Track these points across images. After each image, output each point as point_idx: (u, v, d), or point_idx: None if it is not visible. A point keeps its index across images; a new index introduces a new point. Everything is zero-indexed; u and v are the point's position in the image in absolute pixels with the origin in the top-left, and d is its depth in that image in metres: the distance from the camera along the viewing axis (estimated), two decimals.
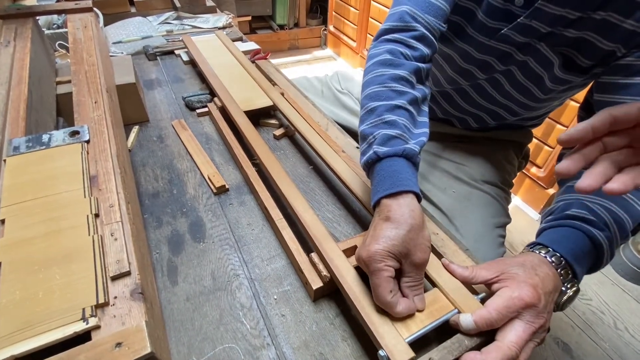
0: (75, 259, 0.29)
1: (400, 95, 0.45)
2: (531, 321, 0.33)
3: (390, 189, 0.39)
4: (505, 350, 0.31)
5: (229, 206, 0.52)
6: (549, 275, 0.36)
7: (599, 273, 1.33)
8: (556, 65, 0.53)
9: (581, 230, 0.40)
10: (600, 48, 0.48)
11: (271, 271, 0.44)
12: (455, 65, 0.65)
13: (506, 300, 0.33)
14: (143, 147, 0.62)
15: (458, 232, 0.62)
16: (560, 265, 0.38)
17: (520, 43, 0.55)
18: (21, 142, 0.39)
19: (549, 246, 0.40)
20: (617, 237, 0.41)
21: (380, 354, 0.32)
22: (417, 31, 0.50)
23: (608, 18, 0.46)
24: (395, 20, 0.51)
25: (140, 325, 0.26)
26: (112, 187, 0.36)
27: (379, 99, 0.45)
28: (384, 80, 0.46)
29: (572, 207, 0.43)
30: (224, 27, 1.10)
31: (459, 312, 0.35)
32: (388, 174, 0.40)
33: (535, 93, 0.59)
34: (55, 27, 0.95)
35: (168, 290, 0.41)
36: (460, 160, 0.72)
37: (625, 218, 0.42)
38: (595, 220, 0.41)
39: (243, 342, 0.37)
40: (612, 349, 1.10)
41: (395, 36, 0.51)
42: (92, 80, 0.51)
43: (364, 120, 0.45)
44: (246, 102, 0.68)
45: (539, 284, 0.35)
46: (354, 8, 2.40)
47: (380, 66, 0.48)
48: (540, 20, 0.50)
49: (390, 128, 0.42)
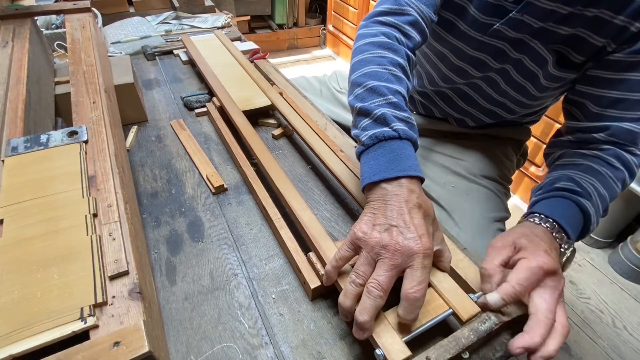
0: (74, 258, 0.29)
1: (399, 82, 0.45)
2: (554, 285, 0.35)
3: (412, 171, 0.38)
4: (544, 320, 0.32)
5: (228, 206, 0.52)
6: (549, 239, 0.39)
7: (598, 272, 1.33)
8: (550, 62, 0.53)
9: (570, 199, 0.44)
10: (592, 44, 0.49)
11: (269, 270, 0.44)
12: (449, 63, 0.65)
13: (526, 271, 0.34)
14: (142, 147, 0.62)
15: (457, 226, 0.62)
16: (555, 229, 0.41)
17: (513, 39, 0.55)
18: (19, 143, 0.39)
19: (542, 213, 0.42)
20: (600, 209, 0.46)
21: (377, 353, 0.32)
22: (410, 16, 0.50)
23: (600, 15, 0.46)
24: (391, 3, 0.51)
25: (138, 325, 0.26)
26: (110, 187, 0.36)
27: (379, 79, 0.44)
28: (384, 63, 0.46)
29: (561, 180, 0.46)
30: (223, 26, 1.09)
31: (453, 312, 0.35)
32: (405, 155, 0.39)
33: (531, 91, 0.60)
34: (54, 27, 0.95)
35: (166, 290, 0.41)
36: (459, 156, 0.73)
37: (605, 194, 0.46)
38: (581, 191, 0.44)
39: (241, 341, 0.37)
40: (611, 347, 1.10)
41: (389, 19, 0.50)
42: (91, 80, 0.51)
43: (364, 98, 0.43)
44: (244, 101, 0.68)
45: (547, 249, 0.37)
46: (353, 7, 2.40)
47: (379, 48, 0.47)
48: (531, 15, 0.51)
49: (399, 111, 0.42)
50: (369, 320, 0.32)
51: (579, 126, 0.53)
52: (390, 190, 0.37)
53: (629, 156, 0.49)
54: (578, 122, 0.53)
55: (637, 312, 1.21)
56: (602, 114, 0.50)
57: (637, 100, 0.47)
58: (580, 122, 0.53)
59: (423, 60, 0.72)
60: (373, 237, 0.34)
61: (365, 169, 0.40)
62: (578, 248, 1.43)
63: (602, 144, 0.50)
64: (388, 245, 0.33)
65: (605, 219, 1.37)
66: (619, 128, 0.48)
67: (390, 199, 0.36)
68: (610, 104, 0.49)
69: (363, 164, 0.41)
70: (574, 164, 0.50)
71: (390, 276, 0.33)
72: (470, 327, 0.34)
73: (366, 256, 0.34)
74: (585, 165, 0.49)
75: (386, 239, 0.34)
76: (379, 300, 0.32)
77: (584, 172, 0.47)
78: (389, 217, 0.35)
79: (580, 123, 0.53)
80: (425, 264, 0.33)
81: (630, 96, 0.47)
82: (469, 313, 0.35)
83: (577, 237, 0.44)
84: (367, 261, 0.34)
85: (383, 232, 0.35)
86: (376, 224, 0.35)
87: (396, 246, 0.33)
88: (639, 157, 0.49)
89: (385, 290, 0.32)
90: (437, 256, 0.38)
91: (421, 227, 0.35)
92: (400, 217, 0.35)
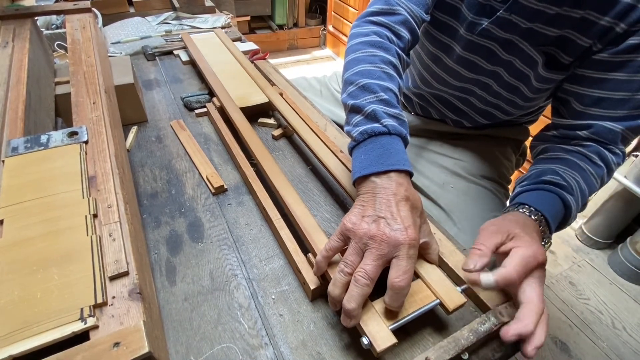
0: (74, 259, 0.29)
1: (391, 80, 0.46)
2: (540, 276, 0.36)
3: (401, 165, 0.39)
4: (536, 309, 0.34)
5: (228, 206, 0.52)
6: (538, 231, 0.41)
7: (598, 273, 1.33)
8: (540, 64, 0.54)
9: (556, 193, 0.45)
10: (580, 45, 0.49)
11: (269, 271, 0.44)
12: (442, 65, 0.66)
13: (522, 259, 0.35)
14: (142, 148, 0.62)
15: (455, 227, 0.62)
16: (542, 223, 0.43)
17: (502, 39, 0.56)
18: (20, 143, 0.39)
19: (532, 206, 0.44)
20: (579, 204, 0.47)
21: (362, 341, 0.33)
22: (401, 15, 0.52)
23: (586, 16, 0.47)
24: (382, 3, 0.53)
25: (138, 325, 0.26)
26: (110, 187, 0.36)
27: (371, 77, 0.46)
28: (376, 61, 0.47)
29: (547, 173, 0.48)
30: (223, 27, 1.10)
31: (440, 302, 0.36)
32: (395, 150, 0.40)
33: (524, 92, 0.60)
34: (54, 27, 0.95)
35: (166, 290, 0.41)
36: (458, 156, 0.73)
37: (585, 190, 0.48)
38: (566, 185, 0.46)
39: (241, 342, 0.37)
40: (610, 348, 1.10)
41: (380, 19, 0.52)
42: (91, 80, 0.51)
43: (356, 96, 0.45)
44: (242, 99, 0.68)
45: (539, 241, 0.38)
46: (353, 8, 2.40)
47: (371, 47, 0.49)
48: (519, 15, 0.51)
49: (389, 107, 0.43)
50: (356, 308, 0.33)
51: (563, 123, 0.54)
52: (380, 183, 0.38)
53: (609, 154, 0.50)
54: (563, 119, 0.54)
55: (637, 313, 1.21)
56: (585, 112, 0.51)
57: (619, 99, 0.48)
58: (564, 120, 0.54)
59: (417, 62, 0.72)
60: (361, 228, 0.35)
61: (356, 164, 0.41)
62: (578, 249, 1.44)
63: (585, 141, 0.51)
64: (375, 236, 0.34)
65: (605, 220, 1.37)
66: (600, 127, 0.49)
67: (379, 192, 0.37)
68: (594, 102, 0.50)
69: (354, 159, 0.42)
70: (558, 158, 0.51)
71: (377, 265, 0.34)
72: (470, 327, 0.34)
73: (355, 246, 0.35)
74: (569, 160, 0.50)
75: (374, 230, 0.35)
76: (366, 289, 0.33)
77: (568, 166, 0.49)
78: (377, 209, 0.36)
79: (565, 120, 0.54)
80: (411, 254, 0.34)
81: (613, 95, 0.48)
82: (456, 303, 0.36)
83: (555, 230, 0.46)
84: (356, 251, 0.35)
85: (371, 224, 0.36)
86: (365, 215, 0.37)
87: (383, 237, 0.34)
88: (617, 156, 0.50)
89: (371, 279, 0.33)
90: (424, 248, 0.39)
91: (407, 219, 0.35)
92: (388, 209, 0.36)
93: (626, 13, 0.44)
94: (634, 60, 0.46)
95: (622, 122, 0.48)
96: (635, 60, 0.46)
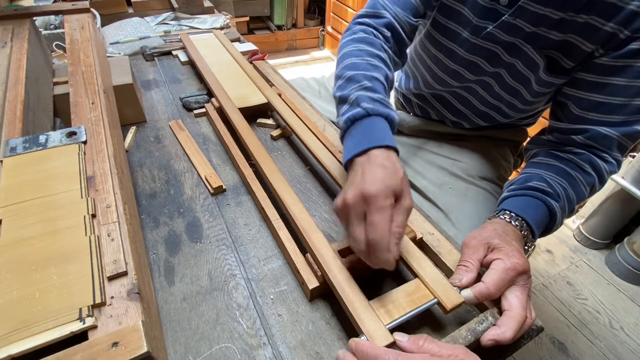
0: (72, 259, 0.29)
1: (377, 70, 0.48)
2: (524, 284, 0.37)
3: (380, 141, 0.39)
4: (517, 316, 0.35)
5: (226, 206, 0.52)
6: (519, 237, 0.43)
7: (595, 273, 1.34)
8: (541, 67, 0.54)
9: (541, 200, 0.47)
10: (583, 50, 0.49)
11: (268, 271, 0.44)
12: (444, 66, 0.66)
13: (501, 272, 0.37)
14: (140, 148, 0.62)
15: (454, 227, 0.62)
16: (523, 227, 0.44)
17: (506, 43, 0.56)
18: (18, 143, 0.39)
19: (514, 212, 0.45)
20: (566, 210, 0.49)
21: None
22: (385, 18, 0.56)
23: (591, 21, 0.47)
24: (369, 7, 0.58)
25: (136, 325, 0.26)
26: (109, 187, 0.36)
27: (357, 68, 0.48)
28: (361, 55, 0.50)
29: (533, 179, 0.49)
30: (222, 27, 1.10)
31: (438, 302, 0.36)
32: (376, 129, 0.41)
33: (525, 95, 0.60)
34: (53, 27, 0.95)
35: (165, 290, 0.41)
36: (456, 157, 0.73)
37: (573, 197, 0.49)
38: (552, 192, 0.47)
39: (239, 342, 0.37)
40: (608, 347, 1.11)
41: (366, 20, 0.57)
42: (90, 81, 0.51)
43: (343, 88, 0.47)
44: (241, 99, 0.68)
45: (519, 249, 0.39)
46: (352, 9, 2.40)
47: (357, 42, 0.53)
48: (524, 19, 0.52)
49: (373, 93, 0.45)
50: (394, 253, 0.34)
51: (559, 127, 0.54)
52: (360, 161, 0.39)
53: (601, 162, 0.50)
54: (560, 123, 0.54)
55: (634, 313, 1.21)
56: (582, 116, 0.51)
57: (617, 105, 0.48)
58: (561, 123, 0.54)
59: (418, 63, 0.72)
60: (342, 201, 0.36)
61: (344, 151, 0.43)
62: (575, 249, 1.44)
63: (578, 148, 0.51)
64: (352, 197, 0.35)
65: (602, 220, 1.38)
66: (596, 132, 0.49)
67: (358, 168, 0.38)
68: (592, 107, 0.50)
69: (344, 148, 0.44)
70: (547, 164, 0.52)
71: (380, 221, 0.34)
72: (468, 327, 0.34)
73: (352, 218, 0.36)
74: (558, 167, 0.51)
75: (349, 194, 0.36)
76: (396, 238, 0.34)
77: (556, 174, 0.50)
78: (354, 181, 0.37)
79: (562, 124, 0.54)
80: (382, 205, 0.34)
81: (612, 100, 0.48)
82: (453, 303, 0.36)
83: (540, 236, 0.47)
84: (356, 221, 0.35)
85: (347, 191, 0.36)
86: (345, 190, 0.37)
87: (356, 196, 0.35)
88: (611, 164, 0.50)
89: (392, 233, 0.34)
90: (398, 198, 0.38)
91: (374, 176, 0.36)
92: (362, 176, 0.37)
93: (630, 20, 0.44)
94: (634, 66, 0.46)
95: (618, 127, 0.48)
96: (635, 65, 0.45)
